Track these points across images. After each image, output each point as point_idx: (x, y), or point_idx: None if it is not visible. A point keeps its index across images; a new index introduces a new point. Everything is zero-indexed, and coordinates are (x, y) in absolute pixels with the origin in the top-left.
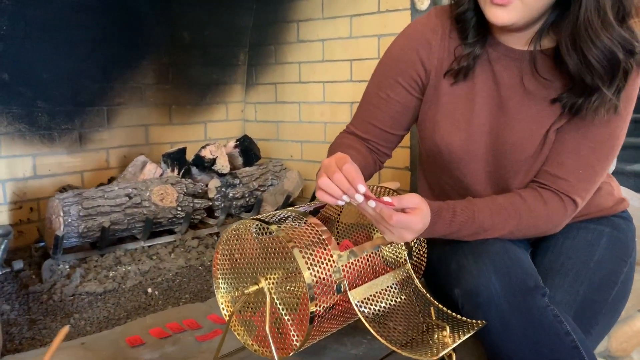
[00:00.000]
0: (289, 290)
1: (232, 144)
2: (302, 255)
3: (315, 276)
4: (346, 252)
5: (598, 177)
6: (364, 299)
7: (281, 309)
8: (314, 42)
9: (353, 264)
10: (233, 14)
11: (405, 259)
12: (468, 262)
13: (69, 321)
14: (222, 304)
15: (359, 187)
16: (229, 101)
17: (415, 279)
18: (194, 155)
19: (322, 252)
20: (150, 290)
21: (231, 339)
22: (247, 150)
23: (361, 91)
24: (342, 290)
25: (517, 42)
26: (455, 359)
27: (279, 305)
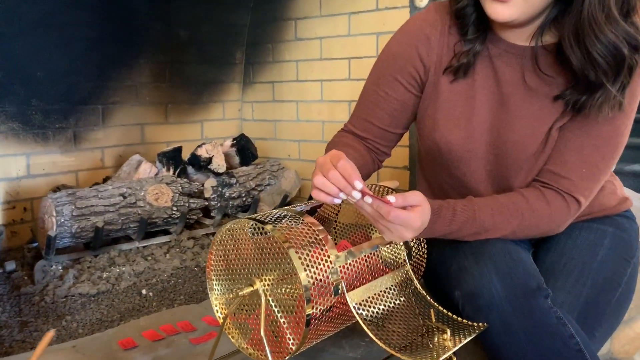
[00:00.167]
0: (284, 292)
1: (228, 143)
2: (299, 256)
3: (312, 277)
4: (344, 252)
5: (602, 176)
6: (362, 300)
7: (277, 312)
8: (311, 40)
9: (351, 265)
10: (230, 11)
11: (404, 260)
12: (469, 263)
13: (60, 323)
14: (216, 306)
15: (355, 183)
16: (225, 100)
17: (415, 280)
18: (189, 154)
19: (319, 252)
20: (145, 292)
21: (226, 342)
22: (244, 149)
23: (359, 90)
24: (340, 292)
25: (518, 37)
26: None
27: (274, 307)
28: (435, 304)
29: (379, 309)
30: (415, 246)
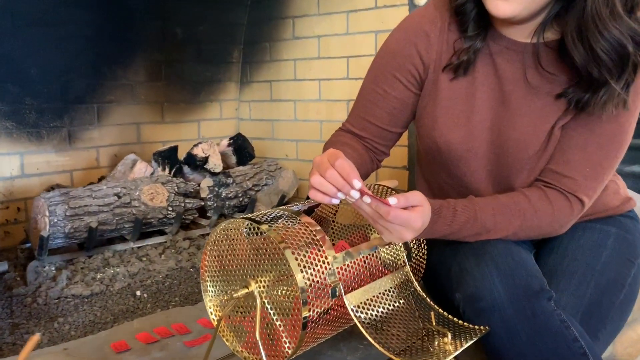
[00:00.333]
0: (280, 293)
1: (225, 142)
2: (295, 257)
3: (309, 279)
4: (342, 253)
5: (606, 175)
6: (361, 303)
7: (272, 314)
8: (309, 39)
9: (349, 266)
10: (227, 10)
11: (404, 261)
12: (470, 264)
13: (53, 325)
14: (211, 308)
15: (354, 182)
16: (222, 99)
17: (415, 282)
18: (185, 153)
19: (316, 253)
20: (139, 293)
21: (220, 345)
22: (241, 149)
23: (358, 89)
24: (337, 294)
25: (520, 34)
26: None
27: (270, 309)
28: (436, 306)
29: (377, 311)
30: (415, 247)
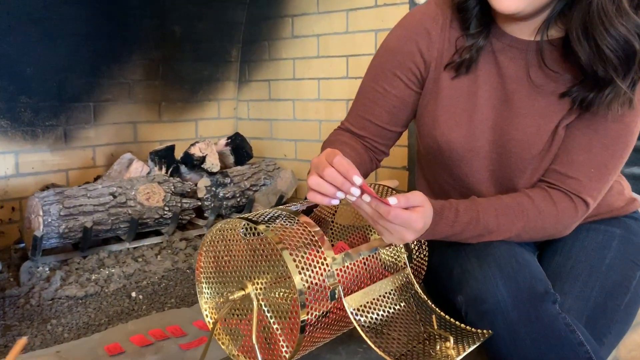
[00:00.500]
0: (278, 296)
1: (223, 141)
2: (293, 258)
3: (307, 281)
4: (341, 254)
5: (611, 176)
6: (360, 306)
7: (269, 317)
8: (308, 38)
9: (348, 267)
10: (226, 8)
11: (404, 263)
12: (472, 266)
13: (45, 327)
14: (206, 310)
15: (354, 178)
16: (221, 98)
17: (416, 284)
18: (182, 153)
19: (315, 254)
20: (134, 295)
21: (216, 349)
22: (239, 148)
23: (357, 88)
24: (337, 296)
25: (523, 31)
26: None
27: (267, 312)
28: (437, 309)
29: (377, 314)
30: (416, 248)
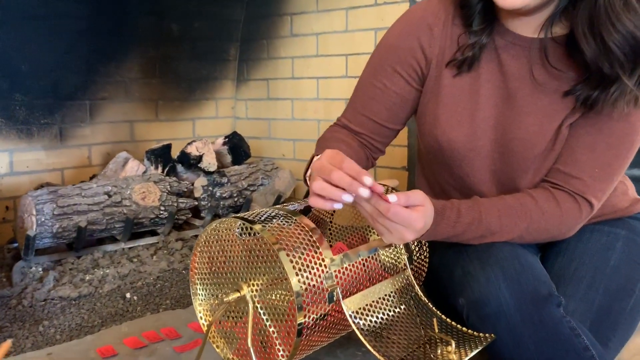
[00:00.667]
0: (274, 298)
1: (220, 141)
2: (290, 259)
3: (305, 283)
4: (339, 255)
5: (615, 176)
6: (359, 308)
7: (265, 320)
8: (307, 36)
9: (347, 269)
10: (224, 6)
11: (405, 264)
12: (474, 268)
13: (37, 329)
14: (200, 312)
15: (364, 179)
16: (218, 97)
17: (416, 286)
18: (179, 152)
19: (313, 255)
20: (129, 296)
21: (211, 352)
22: (236, 148)
23: None
24: (335, 299)
25: (526, 28)
26: None
27: (263, 315)
28: (438, 312)
29: (377, 317)
30: (417, 249)
